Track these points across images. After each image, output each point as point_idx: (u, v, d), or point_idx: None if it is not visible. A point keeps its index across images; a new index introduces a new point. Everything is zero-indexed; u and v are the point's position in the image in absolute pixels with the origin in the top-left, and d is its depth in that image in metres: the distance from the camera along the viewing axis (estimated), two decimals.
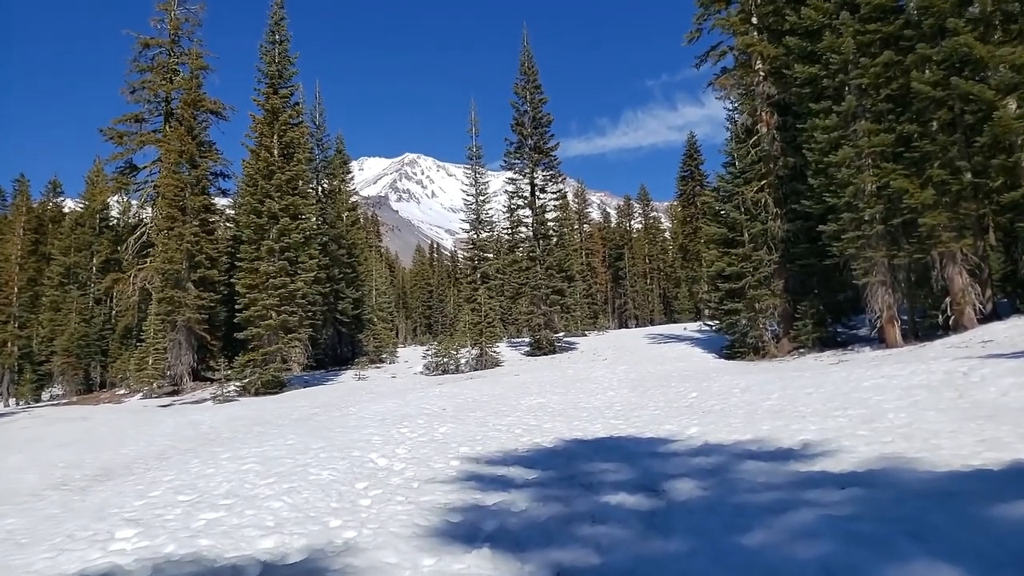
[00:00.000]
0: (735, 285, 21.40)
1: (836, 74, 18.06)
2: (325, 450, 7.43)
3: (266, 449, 7.65)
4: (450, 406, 12.45)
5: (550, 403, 12.07)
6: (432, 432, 8.77)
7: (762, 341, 21.44)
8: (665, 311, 74.26)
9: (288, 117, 25.99)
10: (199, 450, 9.10)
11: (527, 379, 17.86)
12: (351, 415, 11.72)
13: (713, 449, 6.37)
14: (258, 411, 15.23)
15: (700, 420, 8.18)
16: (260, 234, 24.82)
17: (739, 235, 21.75)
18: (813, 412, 7.61)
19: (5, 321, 40.14)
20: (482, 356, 28.25)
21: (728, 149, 22.91)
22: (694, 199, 62.21)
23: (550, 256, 32.90)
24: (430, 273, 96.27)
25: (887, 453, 5.18)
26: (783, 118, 21.82)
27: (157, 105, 34.79)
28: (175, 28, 34.54)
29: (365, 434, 8.58)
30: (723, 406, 9.19)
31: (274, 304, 24.20)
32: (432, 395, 14.88)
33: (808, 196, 19.31)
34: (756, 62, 22.37)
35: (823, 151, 18.21)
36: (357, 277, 39.63)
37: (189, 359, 28.80)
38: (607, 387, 14.28)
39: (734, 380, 11.95)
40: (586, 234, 71.40)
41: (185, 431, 12.24)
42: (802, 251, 20.84)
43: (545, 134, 34.52)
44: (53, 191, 44.90)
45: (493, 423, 9.56)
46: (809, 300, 20.54)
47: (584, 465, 6.25)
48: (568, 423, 9.26)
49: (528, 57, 34.66)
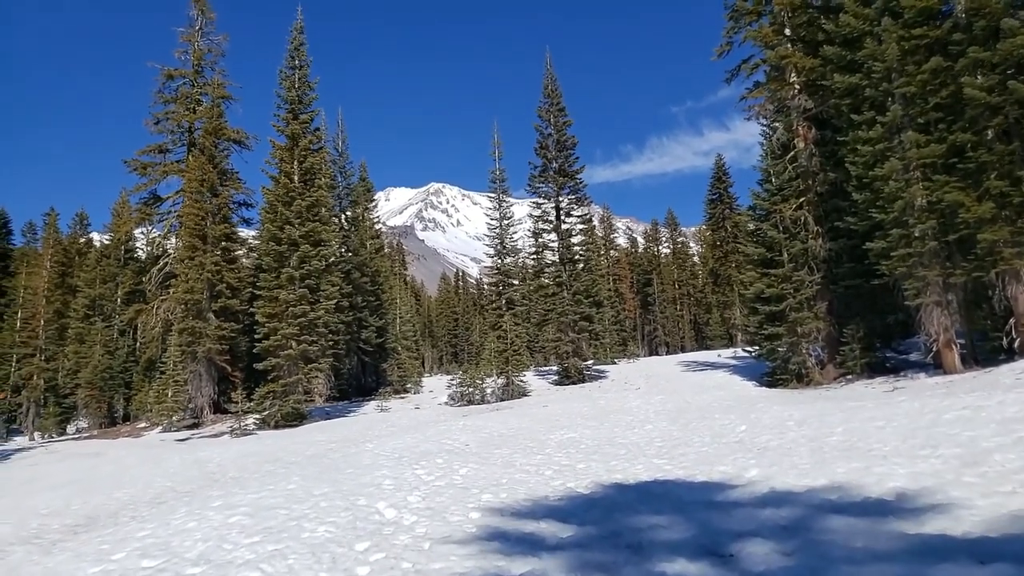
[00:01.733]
0: (775, 308, 20.21)
1: (879, 83, 16.98)
2: (328, 497, 6.49)
3: (264, 495, 6.73)
4: (473, 442, 11.47)
5: (583, 438, 11.02)
6: (451, 474, 7.78)
7: (805, 367, 20.17)
8: (696, 337, 72.59)
9: (308, 143, 25.50)
10: (195, 494, 8.23)
11: (556, 411, 16.80)
12: (366, 452, 10.79)
13: (784, 498, 5.31)
14: (272, 447, 14.36)
15: (758, 460, 7.10)
16: (280, 262, 24.20)
17: (778, 255, 20.61)
18: (894, 451, 6.51)
19: (32, 354, 39.99)
20: (508, 385, 27.20)
21: (764, 166, 21.86)
22: (723, 222, 61.07)
23: (577, 281, 31.86)
24: (455, 301, 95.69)
25: (1017, 510, 4.10)
26: (821, 132, 20.78)
27: (181, 136, 34.78)
28: (198, 59, 34.61)
29: (377, 476, 7.63)
30: (780, 442, 8.10)
31: (294, 333, 23.46)
32: (455, 429, 13.91)
33: (852, 212, 18.17)
34: (790, 75, 21.41)
35: (867, 164, 17.09)
36: (381, 305, 38.92)
37: (210, 391, 28.16)
38: (644, 419, 13.18)
39: (784, 411, 10.83)
40: (613, 260, 70.20)
41: (190, 471, 11.39)
42: (846, 271, 19.65)
43: (570, 156, 33.67)
44: (80, 223, 45.07)
45: (520, 463, 8.55)
46: (855, 323, 19.27)
47: (629, 518, 5.22)
48: (605, 463, 8.22)
49: (551, 80, 34.00)
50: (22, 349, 40.16)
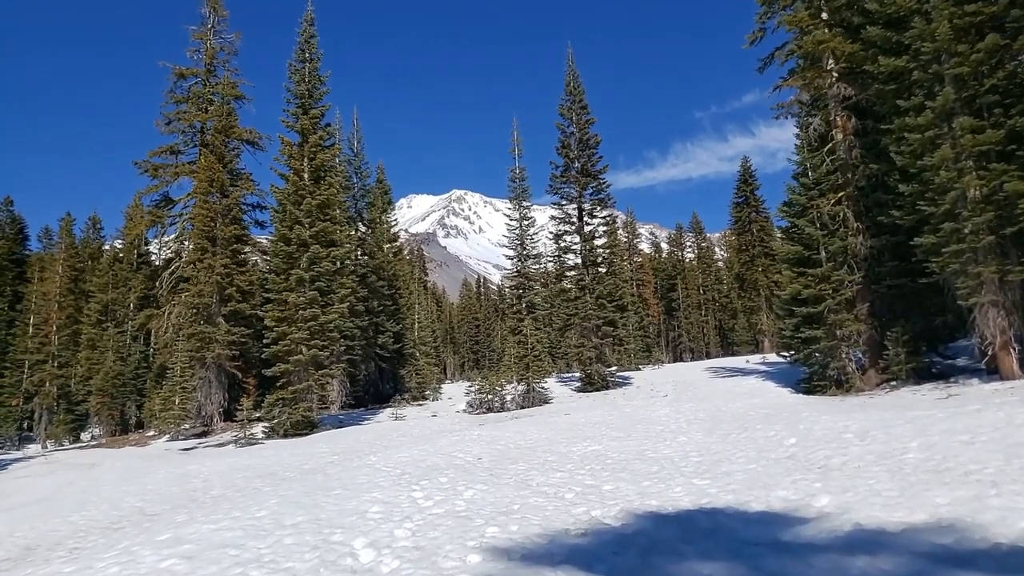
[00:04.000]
0: (813, 310, 18.79)
1: (928, 65, 15.57)
2: (298, 530, 5.30)
3: (224, 525, 5.58)
4: (487, 455, 10.28)
5: (608, 452, 9.76)
6: (454, 498, 6.55)
7: (845, 373, 18.72)
8: (722, 343, 70.99)
9: (319, 139, 24.49)
10: (158, 519, 7.13)
11: (579, 419, 15.52)
12: (366, 467, 9.63)
13: (876, 540, 4.05)
14: (271, 459, 13.23)
15: (824, 483, 5.82)
16: (289, 263, 23.19)
17: (816, 253, 19.20)
18: (1000, 474, 5.21)
19: (44, 360, 39.48)
20: (529, 392, 25.95)
21: (799, 158, 20.49)
22: (750, 225, 59.58)
23: (600, 284, 30.52)
24: (477, 307, 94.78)
25: None
26: (861, 122, 19.39)
27: (192, 136, 34.14)
28: (211, 57, 33.98)
29: (365, 501, 6.45)
30: (843, 459, 6.81)
31: (304, 338, 22.41)
32: (469, 439, 12.72)
33: (897, 206, 16.75)
34: (828, 61, 20.04)
35: (915, 154, 15.68)
36: (399, 310, 37.85)
37: (220, 398, 27.26)
38: (676, 430, 11.88)
39: (835, 420, 9.48)
40: (636, 265, 68.74)
41: (170, 487, 10.29)
42: (889, 270, 18.22)
43: (593, 156, 32.31)
44: (93, 228, 44.61)
45: (537, 482, 7.33)
46: (900, 325, 17.82)
47: (673, 566, 4.00)
48: (636, 483, 6.96)
49: (574, 77, 32.73)
50: (34, 355, 39.65)
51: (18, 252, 49.21)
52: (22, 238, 50.39)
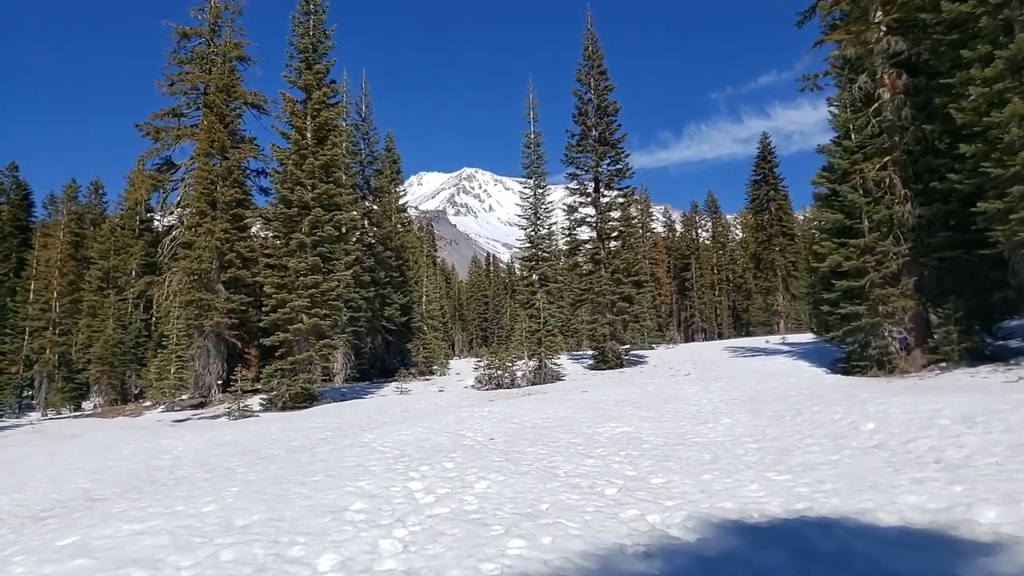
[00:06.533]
0: (854, 283, 17.20)
1: (998, 9, 13.91)
2: (245, 537, 3.88)
3: (149, 528, 4.16)
4: (500, 434, 8.89)
5: (642, 434, 8.35)
6: (463, 491, 5.12)
7: (887, 353, 17.19)
8: (735, 324, 69.48)
9: (323, 95, 22.90)
10: (93, 509, 5.78)
11: (598, 397, 14.09)
12: (359, 446, 8.26)
13: None
14: (258, 434, 11.89)
15: (965, 485, 4.35)
16: (290, 227, 21.78)
17: (858, 222, 17.58)
18: None
19: (45, 327, 38.41)
20: (541, 368, 24.57)
21: (840, 120, 18.78)
22: (768, 204, 58.01)
23: (617, 258, 28.97)
24: (486, 284, 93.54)
25: None
26: (913, 79, 17.68)
27: (195, 98, 32.71)
28: (215, 17, 32.44)
29: (347, 493, 5.04)
30: (964, 452, 5.34)
31: (304, 306, 21.06)
32: (478, 416, 11.34)
33: (953, 170, 15.16)
34: (875, 13, 18.32)
35: (979, 110, 14.04)
36: (406, 282, 36.46)
37: (218, 368, 26.02)
38: (713, 410, 10.44)
39: (917, 404, 7.93)
40: (649, 243, 67.14)
41: (132, 465, 8.94)
42: (941, 241, 16.58)
43: (611, 124, 30.57)
44: (95, 192, 43.27)
45: (565, 471, 5.92)
46: (952, 302, 16.25)
47: None
48: (692, 475, 5.53)
49: (592, 41, 30.88)
50: (35, 322, 38.60)
51: (23, 219, 48.05)
52: (27, 204, 49.21)
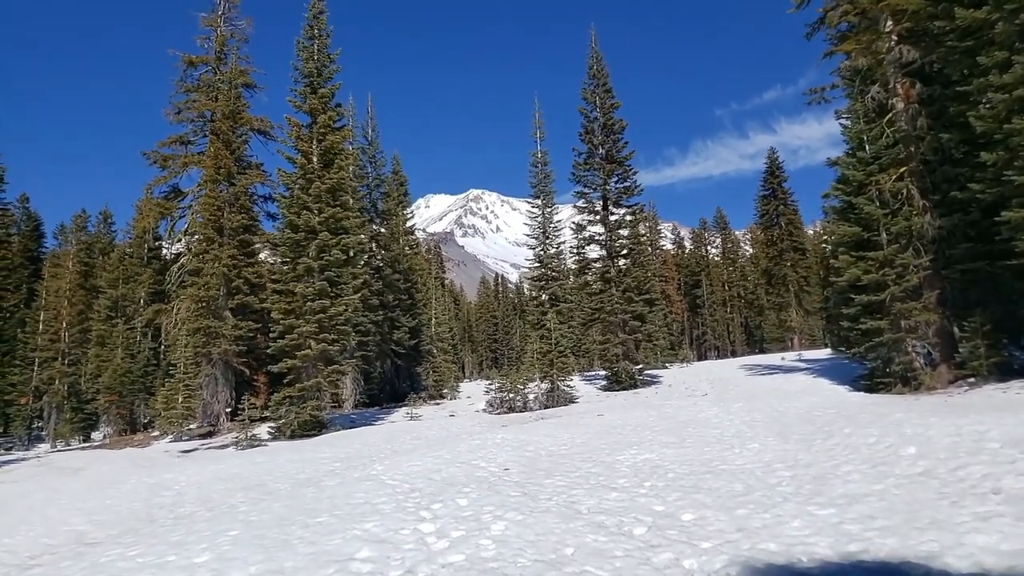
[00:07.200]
0: (874, 297, 16.74)
1: (1015, 14, 13.60)
2: None
3: None
4: (515, 464, 8.49)
5: (665, 462, 7.93)
6: (478, 535, 4.73)
7: (911, 369, 16.68)
8: (748, 341, 68.73)
9: (329, 119, 22.77)
10: (84, 556, 5.41)
11: (615, 421, 13.65)
12: (368, 480, 7.87)
13: None
14: (264, 466, 11.51)
15: None
16: (297, 251, 21.54)
17: (876, 234, 17.15)
18: None
19: (54, 357, 38.23)
20: (553, 391, 24.10)
21: (853, 131, 18.43)
22: (777, 219, 57.67)
23: (627, 277, 28.59)
24: (495, 305, 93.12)
25: None
26: (927, 88, 17.36)
27: (202, 125, 32.70)
28: (221, 45, 32.52)
29: (354, 538, 4.67)
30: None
31: (312, 331, 20.74)
32: (492, 444, 10.93)
33: (973, 179, 14.79)
34: (886, 23, 18.04)
35: (999, 117, 13.70)
36: (415, 305, 36.14)
37: (227, 396, 25.69)
38: (737, 434, 9.98)
39: (959, 426, 7.44)
40: (659, 260, 66.72)
41: (132, 503, 8.58)
42: (962, 252, 16.14)
43: (618, 142, 30.34)
44: (104, 222, 43.35)
45: (588, 507, 5.52)
46: (978, 315, 15.77)
47: None
48: (727, 511, 5.11)
49: (597, 59, 30.79)
50: (45, 352, 38.43)
51: (34, 249, 48.06)
52: (38, 235, 49.27)
